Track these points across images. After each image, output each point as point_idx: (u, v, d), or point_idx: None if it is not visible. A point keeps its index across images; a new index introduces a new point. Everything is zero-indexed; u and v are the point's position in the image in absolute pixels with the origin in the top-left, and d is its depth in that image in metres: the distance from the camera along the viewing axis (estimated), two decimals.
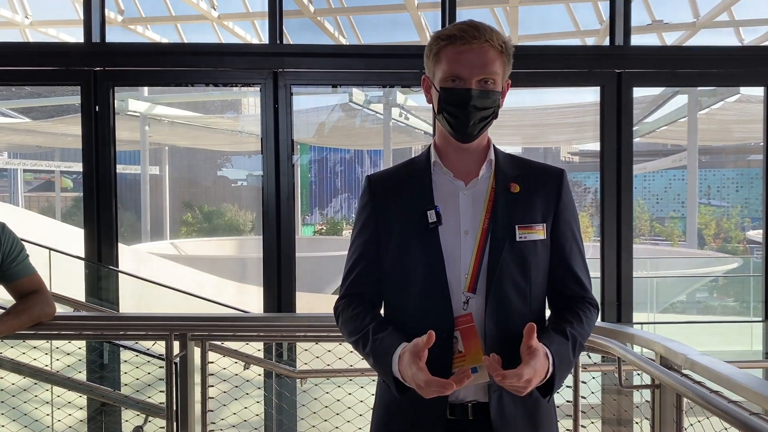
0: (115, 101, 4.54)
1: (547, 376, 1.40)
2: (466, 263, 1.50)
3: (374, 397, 1.68)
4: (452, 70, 1.48)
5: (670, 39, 11.22)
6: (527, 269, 1.51)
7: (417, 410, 1.50)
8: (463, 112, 1.48)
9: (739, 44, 10.23)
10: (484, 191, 1.55)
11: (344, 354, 2.81)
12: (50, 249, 4.70)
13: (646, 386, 2.09)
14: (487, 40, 1.48)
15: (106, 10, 4.71)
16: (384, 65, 4.65)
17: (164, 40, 11.44)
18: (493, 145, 1.61)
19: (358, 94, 13.50)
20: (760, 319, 5.10)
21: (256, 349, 3.39)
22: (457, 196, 1.55)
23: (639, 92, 4.72)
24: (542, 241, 1.53)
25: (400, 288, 1.56)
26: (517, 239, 1.50)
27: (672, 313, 11.47)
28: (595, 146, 4.71)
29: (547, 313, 1.63)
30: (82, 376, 3.85)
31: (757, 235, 18.27)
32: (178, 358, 2.48)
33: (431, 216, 1.52)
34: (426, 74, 1.59)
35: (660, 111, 14.25)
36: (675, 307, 11.88)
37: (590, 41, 11.20)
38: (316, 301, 11.07)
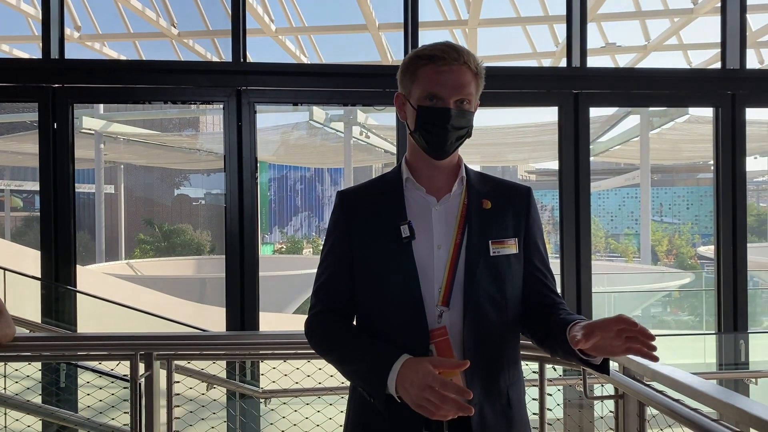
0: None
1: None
2: (440, 277, 1.52)
3: (345, 414, 1.67)
4: (431, 89, 1.51)
5: (623, 61, 11.61)
6: (502, 283, 1.54)
7: (393, 426, 1.50)
8: (442, 130, 1.52)
9: (688, 66, 10.64)
10: (456, 207, 1.58)
11: (312, 372, 2.80)
12: (5, 269, 4.57)
13: (610, 397, 2.14)
14: (465, 62, 1.51)
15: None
16: (347, 84, 4.68)
17: (122, 57, 11.28)
18: (464, 163, 1.65)
19: (319, 112, 13.52)
20: (713, 332, 5.25)
21: (224, 368, 3.35)
22: (429, 212, 1.58)
23: (593, 112, 4.86)
24: (515, 255, 1.57)
25: (374, 302, 1.57)
26: (491, 254, 1.54)
27: None
28: (552, 165, 4.81)
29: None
30: (39, 399, 3.73)
31: (707, 251, 18.84)
32: (143, 379, 2.43)
33: (404, 231, 1.54)
34: (400, 91, 1.61)
35: (613, 131, 14.69)
36: None
37: (546, 62, 11.50)
38: (277, 320, 10.97)
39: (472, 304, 1.50)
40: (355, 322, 1.66)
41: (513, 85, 4.77)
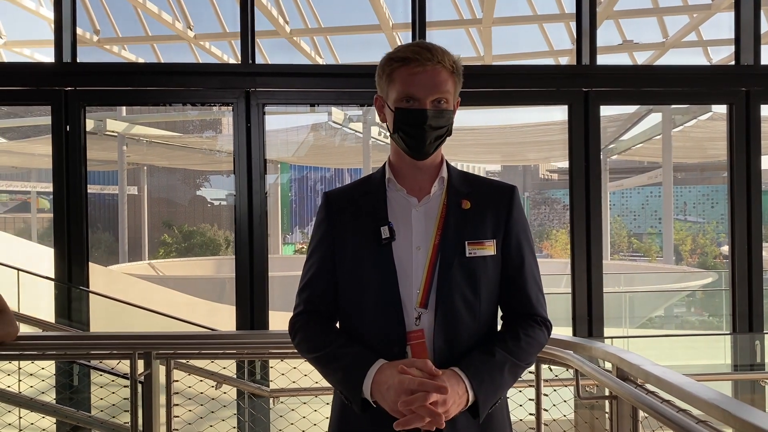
0: (91, 121, 4.52)
1: (469, 398, 1.41)
2: (418, 279, 1.51)
3: (330, 412, 1.68)
4: (407, 90, 1.51)
5: (641, 59, 11.44)
6: (476, 284, 1.53)
7: (373, 428, 1.50)
8: (419, 131, 1.51)
9: (708, 63, 10.47)
10: (436, 208, 1.57)
11: (310, 371, 2.81)
12: (18, 269, 4.65)
13: (602, 397, 2.11)
14: (440, 62, 1.51)
15: (82, 30, 4.72)
16: (358, 84, 4.69)
17: (140, 60, 11.43)
18: (447, 162, 1.64)
19: (338, 113, 13.54)
20: (728, 332, 5.16)
21: (223, 367, 3.37)
22: (409, 213, 1.57)
23: (614, 110, 4.82)
24: (492, 257, 1.56)
25: (354, 303, 1.57)
26: (467, 255, 1.52)
27: (651, 328, 11.57)
28: None
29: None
30: (51, 399, 3.79)
31: None
32: (142, 377, 2.46)
33: (384, 232, 1.54)
34: (379, 94, 1.61)
35: (635, 129, 14.47)
36: (653, 322, 11.98)
37: (563, 60, 11.40)
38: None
39: (444, 304, 1.50)
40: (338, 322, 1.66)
41: (522, 84, 4.74)
